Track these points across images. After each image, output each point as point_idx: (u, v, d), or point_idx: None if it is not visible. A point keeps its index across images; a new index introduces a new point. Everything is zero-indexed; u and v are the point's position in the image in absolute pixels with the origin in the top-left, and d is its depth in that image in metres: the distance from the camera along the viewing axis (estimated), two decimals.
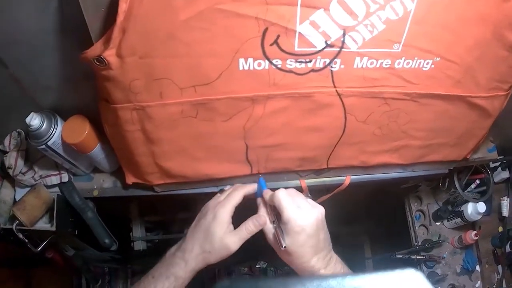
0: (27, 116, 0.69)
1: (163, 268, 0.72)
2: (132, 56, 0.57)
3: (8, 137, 0.83)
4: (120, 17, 0.51)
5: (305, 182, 0.87)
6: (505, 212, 1.15)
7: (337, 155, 0.82)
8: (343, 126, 0.76)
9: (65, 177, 0.84)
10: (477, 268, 1.14)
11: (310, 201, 0.72)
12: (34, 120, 0.70)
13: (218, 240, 0.71)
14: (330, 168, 0.86)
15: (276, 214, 0.72)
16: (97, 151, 0.78)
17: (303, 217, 0.68)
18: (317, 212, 0.70)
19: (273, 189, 0.74)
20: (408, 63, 0.68)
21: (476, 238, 1.06)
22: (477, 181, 1.08)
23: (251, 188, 0.79)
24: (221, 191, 0.82)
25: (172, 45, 0.57)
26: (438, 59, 0.68)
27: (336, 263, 0.72)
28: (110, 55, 0.56)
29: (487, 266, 1.14)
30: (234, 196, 0.76)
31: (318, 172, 0.87)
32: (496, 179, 1.16)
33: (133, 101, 0.64)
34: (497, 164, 1.13)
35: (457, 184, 1.05)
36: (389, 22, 0.61)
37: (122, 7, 0.51)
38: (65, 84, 0.70)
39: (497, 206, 1.18)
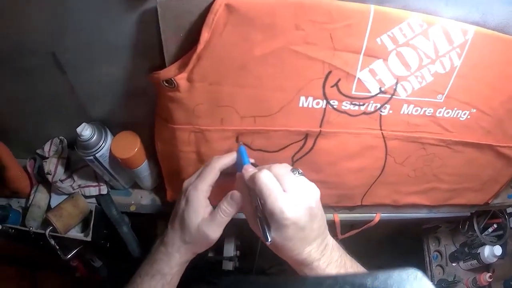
0: (75, 125, 0.69)
1: (147, 266, 0.66)
2: (202, 82, 0.61)
3: (49, 143, 0.82)
4: (201, 45, 0.55)
5: (338, 216, 0.91)
6: None
7: (372, 194, 0.87)
8: (382, 166, 0.81)
9: (104, 189, 0.85)
10: None
11: (302, 180, 0.61)
12: (86, 131, 0.70)
13: (195, 230, 0.63)
14: (363, 205, 0.90)
15: (259, 198, 0.59)
16: (143, 168, 0.80)
17: (292, 206, 0.56)
18: (310, 198, 0.59)
19: (255, 165, 0.68)
20: (448, 113, 0.74)
21: (491, 280, 1.10)
22: (495, 225, 1.12)
23: (228, 159, 0.68)
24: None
25: (242, 76, 0.62)
26: (474, 110, 0.75)
27: (332, 251, 0.62)
28: (181, 78, 0.59)
29: None
30: (207, 174, 0.65)
31: (351, 208, 0.92)
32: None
33: (194, 124, 0.67)
34: None
35: (476, 227, 1.10)
36: (437, 75, 0.68)
37: (204, 36, 0.54)
38: (118, 98, 0.71)
39: (511, 250, 1.23)
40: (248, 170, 0.63)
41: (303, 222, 0.57)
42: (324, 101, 0.68)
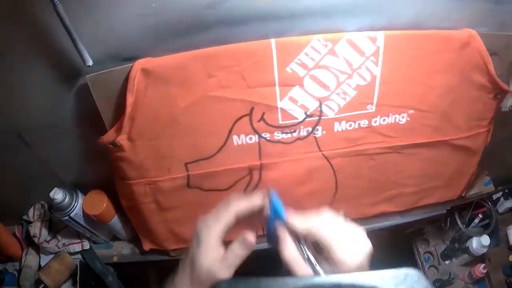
0: (50, 191, 0.78)
1: None
2: (141, 139, 0.67)
3: (32, 208, 0.91)
4: (128, 108, 0.61)
5: None
6: None
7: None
8: (334, 185, 0.82)
9: (86, 245, 0.93)
10: None
11: (350, 222, 0.56)
12: (58, 195, 0.77)
13: (205, 271, 0.58)
14: None
15: (308, 246, 0.52)
16: (115, 221, 0.87)
17: (360, 252, 0.51)
18: (367, 238, 0.54)
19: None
20: (384, 120, 0.74)
21: (485, 271, 1.07)
22: (480, 215, 1.10)
23: (247, 205, 0.58)
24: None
25: (174, 128, 0.67)
26: (412, 111, 0.74)
27: None
28: (122, 139, 0.66)
29: None
30: (222, 217, 0.59)
31: None
32: (501, 210, 1.18)
33: (146, 177, 0.73)
34: (499, 195, 1.15)
35: (459, 222, 1.08)
36: (360, 87, 0.68)
37: (129, 100, 0.61)
38: (84, 162, 0.80)
39: (504, 236, 1.19)
40: (297, 217, 0.56)
41: (369, 263, 0.52)
42: (256, 135, 0.70)
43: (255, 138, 0.70)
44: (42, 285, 0.87)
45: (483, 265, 1.08)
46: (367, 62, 0.66)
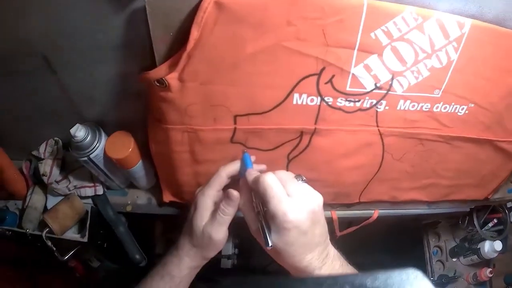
0: (69, 126, 0.68)
1: (159, 266, 0.68)
2: (193, 81, 0.60)
3: (43, 144, 0.81)
4: (190, 44, 0.53)
5: (336, 213, 0.90)
6: None
7: (370, 191, 0.86)
8: (379, 163, 0.80)
9: (99, 190, 0.84)
10: None
11: (305, 186, 0.61)
12: (79, 132, 0.69)
13: (200, 232, 0.65)
14: (361, 202, 0.90)
15: (261, 202, 0.59)
16: (138, 168, 0.79)
17: (295, 210, 0.55)
18: (313, 203, 0.58)
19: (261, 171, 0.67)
20: (445, 108, 0.73)
21: (491, 275, 1.09)
22: (495, 220, 1.11)
23: (234, 166, 0.69)
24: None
25: (234, 74, 0.60)
26: (472, 105, 0.74)
27: (333, 260, 0.61)
28: (172, 78, 0.58)
29: None
30: (213, 180, 0.67)
31: (349, 205, 0.91)
32: None
33: (187, 124, 0.66)
34: None
35: (476, 222, 1.09)
36: (434, 69, 0.66)
37: (194, 34, 0.53)
38: (112, 98, 0.70)
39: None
40: (252, 173, 0.63)
41: (306, 226, 0.56)
42: (319, 98, 0.67)
43: (316, 101, 0.67)
44: (47, 229, 0.78)
45: (490, 269, 1.10)
46: (449, 46, 0.64)
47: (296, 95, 0.66)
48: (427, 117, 0.74)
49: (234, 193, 0.63)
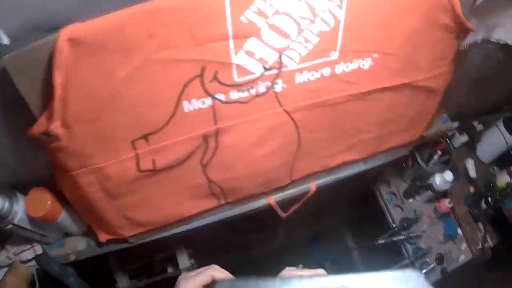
0: None
1: None
2: (78, 123, 0.56)
3: None
4: (58, 90, 0.51)
5: (273, 199, 0.86)
6: (473, 173, 1.20)
7: (298, 168, 0.83)
8: (297, 140, 0.76)
9: (38, 249, 0.83)
10: (459, 231, 1.18)
11: None
12: None
13: None
14: (294, 181, 0.86)
15: None
16: (63, 218, 0.77)
17: None
18: None
19: None
20: (347, 66, 0.69)
21: (451, 205, 1.09)
22: (439, 152, 1.10)
23: (223, 275, 0.63)
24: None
25: (115, 103, 0.57)
26: (376, 55, 0.70)
27: None
28: (56, 127, 0.55)
29: (468, 227, 1.18)
30: (201, 275, 0.62)
31: (284, 188, 0.87)
32: (456, 145, 1.20)
33: (88, 165, 0.63)
34: (454, 131, 1.16)
35: (420, 160, 1.08)
36: (322, 34, 0.62)
37: (58, 79, 0.50)
38: (18, 158, 0.68)
39: (463, 169, 1.22)
40: None
41: None
42: (209, 97, 0.62)
43: (208, 101, 0.62)
44: None
45: (447, 199, 1.09)
46: (331, 5, 0.59)
47: (185, 103, 0.61)
48: (331, 81, 0.69)
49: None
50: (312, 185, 0.89)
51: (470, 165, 1.20)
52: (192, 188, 0.75)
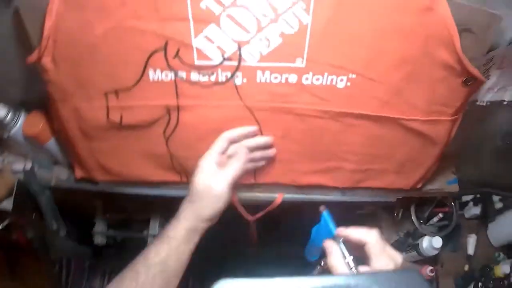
0: None
1: (161, 231, 0.68)
2: (64, 62, 0.66)
3: None
4: (45, 31, 0.61)
5: (237, 195, 0.86)
6: (470, 250, 1.08)
7: (262, 171, 0.82)
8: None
9: (28, 165, 0.94)
10: None
11: (395, 252, 0.58)
12: (0, 111, 0.78)
13: (201, 185, 0.66)
14: (260, 184, 0.86)
15: (354, 259, 0.56)
16: (51, 144, 0.87)
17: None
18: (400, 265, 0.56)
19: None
20: (317, 79, 0.68)
21: (432, 274, 0.98)
22: (440, 215, 1.01)
23: (238, 132, 0.73)
24: None
25: (94, 54, 0.65)
26: (353, 76, 0.67)
27: None
28: (47, 61, 0.65)
29: None
30: (216, 144, 0.71)
31: (249, 187, 0.87)
32: (468, 215, 1.09)
33: (69, 101, 0.71)
34: (469, 199, 1.06)
35: (413, 216, 1.00)
36: (286, 36, 0.63)
37: (47, 23, 0.60)
38: (28, 80, 0.78)
39: (465, 243, 1.10)
40: (344, 231, 0.60)
41: None
42: (172, 72, 0.67)
43: (171, 76, 0.67)
44: None
45: (430, 268, 0.99)
46: (295, 7, 0.60)
47: (151, 71, 0.67)
48: (299, 90, 0.69)
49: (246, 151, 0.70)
50: (279, 196, 0.87)
51: (471, 241, 1.08)
52: (156, 156, 0.80)
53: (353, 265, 0.54)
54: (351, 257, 0.55)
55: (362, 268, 0.54)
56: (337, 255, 0.57)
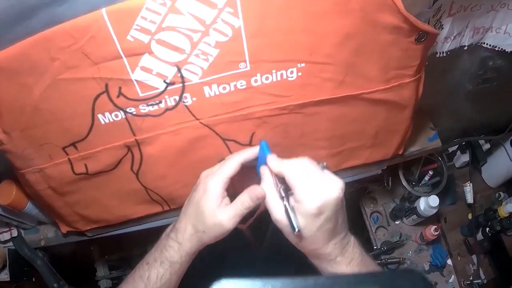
0: None
1: (157, 253, 0.65)
2: (15, 131, 0.66)
3: None
4: None
5: None
6: (470, 199, 1.07)
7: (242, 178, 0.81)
8: (228, 152, 0.76)
9: (14, 232, 0.97)
10: (449, 262, 1.06)
11: (328, 173, 0.59)
12: None
13: (210, 217, 0.62)
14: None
15: (285, 187, 0.59)
16: (29, 208, 0.89)
17: (321, 196, 0.55)
18: (338, 190, 0.56)
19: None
20: (267, 78, 0.66)
21: (437, 233, 0.98)
22: (430, 172, 1.01)
23: (249, 153, 0.67)
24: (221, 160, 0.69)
25: (40, 115, 0.65)
26: (302, 65, 0.66)
27: (354, 248, 0.60)
28: None
29: (459, 258, 1.05)
30: (227, 166, 0.65)
31: (233, 196, 0.85)
32: (458, 164, 1.08)
33: (32, 166, 0.72)
34: (455, 148, 1.05)
35: (403, 180, 0.99)
36: (221, 44, 0.61)
37: None
38: None
39: (462, 192, 1.09)
40: (274, 159, 0.62)
41: (331, 213, 0.56)
42: (121, 111, 0.66)
43: (121, 115, 0.67)
44: None
45: (434, 226, 0.99)
46: (223, 14, 0.58)
47: (100, 116, 0.67)
48: (251, 94, 0.68)
49: (261, 191, 0.62)
50: None
51: (468, 189, 1.07)
52: (131, 193, 0.80)
53: (284, 194, 0.57)
54: (282, 186, 0.57)
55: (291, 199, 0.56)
56: (268, 182, 0.60)
